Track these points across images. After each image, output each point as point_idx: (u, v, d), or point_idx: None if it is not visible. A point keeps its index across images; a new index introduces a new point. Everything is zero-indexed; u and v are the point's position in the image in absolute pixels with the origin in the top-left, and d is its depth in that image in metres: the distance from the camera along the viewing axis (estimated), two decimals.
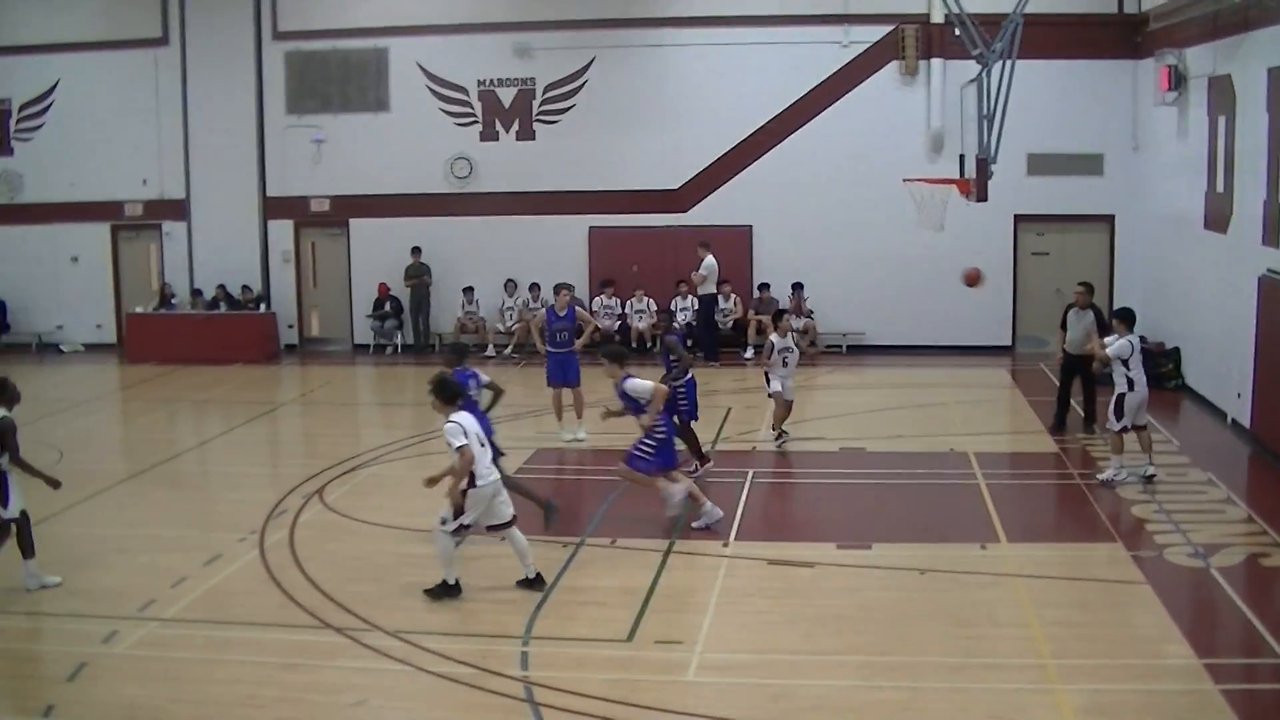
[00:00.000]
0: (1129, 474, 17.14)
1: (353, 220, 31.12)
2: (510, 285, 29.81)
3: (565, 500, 16.33)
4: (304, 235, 31.66)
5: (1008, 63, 20.97)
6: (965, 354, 28.10)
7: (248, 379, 27.92)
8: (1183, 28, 23.65)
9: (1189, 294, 23.74)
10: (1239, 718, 10.13)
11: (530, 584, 13.38)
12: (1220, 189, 21.61)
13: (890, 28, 28.50)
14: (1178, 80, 23.56)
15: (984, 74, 21.36)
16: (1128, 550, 14.43)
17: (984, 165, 21.49)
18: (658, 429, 15.52)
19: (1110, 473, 17.04)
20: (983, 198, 21.93)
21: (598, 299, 29.68)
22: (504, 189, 30.11)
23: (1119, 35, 27.40)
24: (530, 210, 29.97)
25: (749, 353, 28.01)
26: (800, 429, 21.09)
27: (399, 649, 11.85)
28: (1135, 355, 17.08)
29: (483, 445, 13.08)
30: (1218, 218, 21.73)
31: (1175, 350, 24.22)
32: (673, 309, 28.99)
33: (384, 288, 30.63)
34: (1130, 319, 17.61)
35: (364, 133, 30.59)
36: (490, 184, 30.22)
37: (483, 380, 15.87)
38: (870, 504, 17.16)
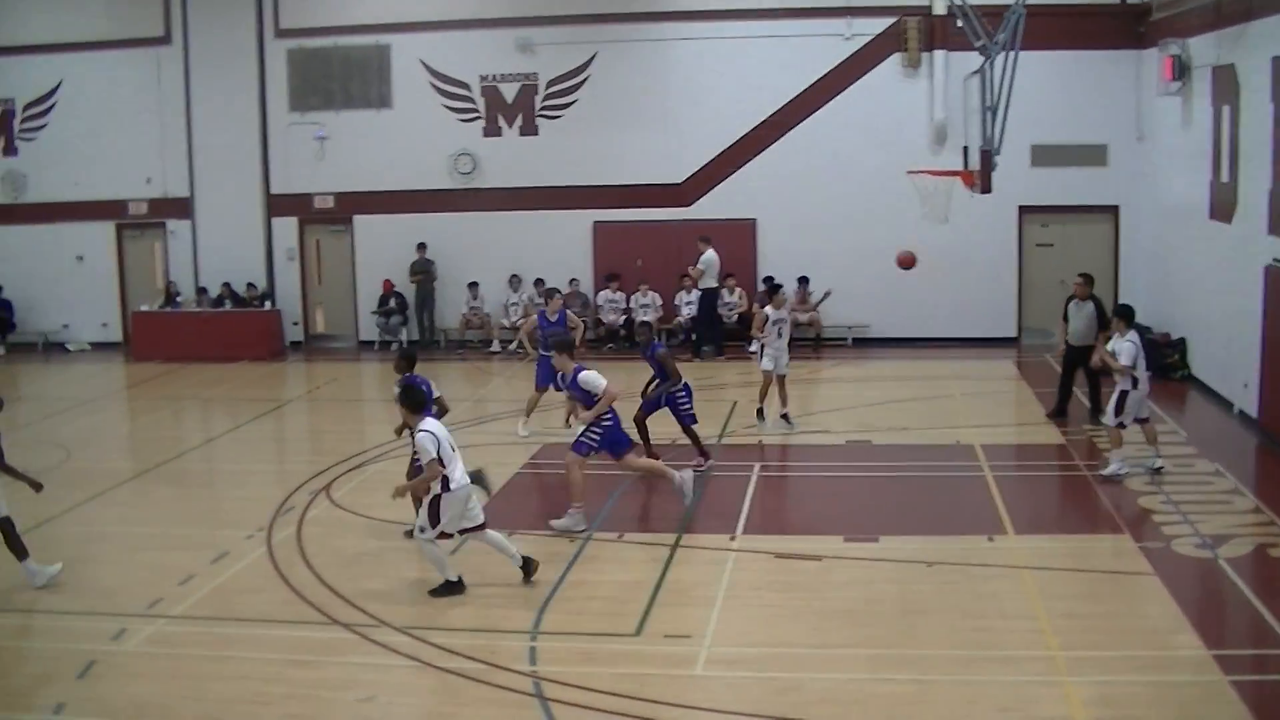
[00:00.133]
0: (1131, 468, 17.11)
1: (357, 217, 31.15)
2: (515, 280, 29.83)
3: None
4: (308, 232, 31.69)
5: (1011, 54, 20.96)
6: (970, 346, 28.09)
7: (253, 376, 27.96)
8: (1186, 17, 23.61)
9: (1194, 284, 23.72)
10: (1248, 708, 10.11)
11: (526, 571, 13.39)
12: (1225, 179, 21.58)
13: (893, 20, 28.48)
14: (1181, 70, 23.52)
15: (987, 65, 21.36)
16: (1135, 541, 14.41)
17: (988, 157, 21.49)
18: (604, 417, 15.44)
19: (1114, 467, 17.00)
20: (987, 189, 21.95)
21: (602, 293, 29.71)
22: (507, 184, 30.13)
23: (1122, 25, 27.37)
24: (534, 205, 29.98)
25: (754, 346, 28.00)
26: (806, 422, 21.13)
27: (407, 645, 11.86)
28: (1140, 354, 17.06)
29: (454, 451, 13.08)
30: (1223, 208, 21.70)
31: (1181, 340, 24.20)
32: (677, 303, 29.10)
33: (388, 284, 30.65)
34: (1130, 316, 17.58)
35: (367, 129, 30.60)
36: (494, 180, 30.24)
37: (433, 393, 15.71)
38: (877, 497, 17.14)
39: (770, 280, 28.57)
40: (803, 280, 28.63)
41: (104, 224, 32.14)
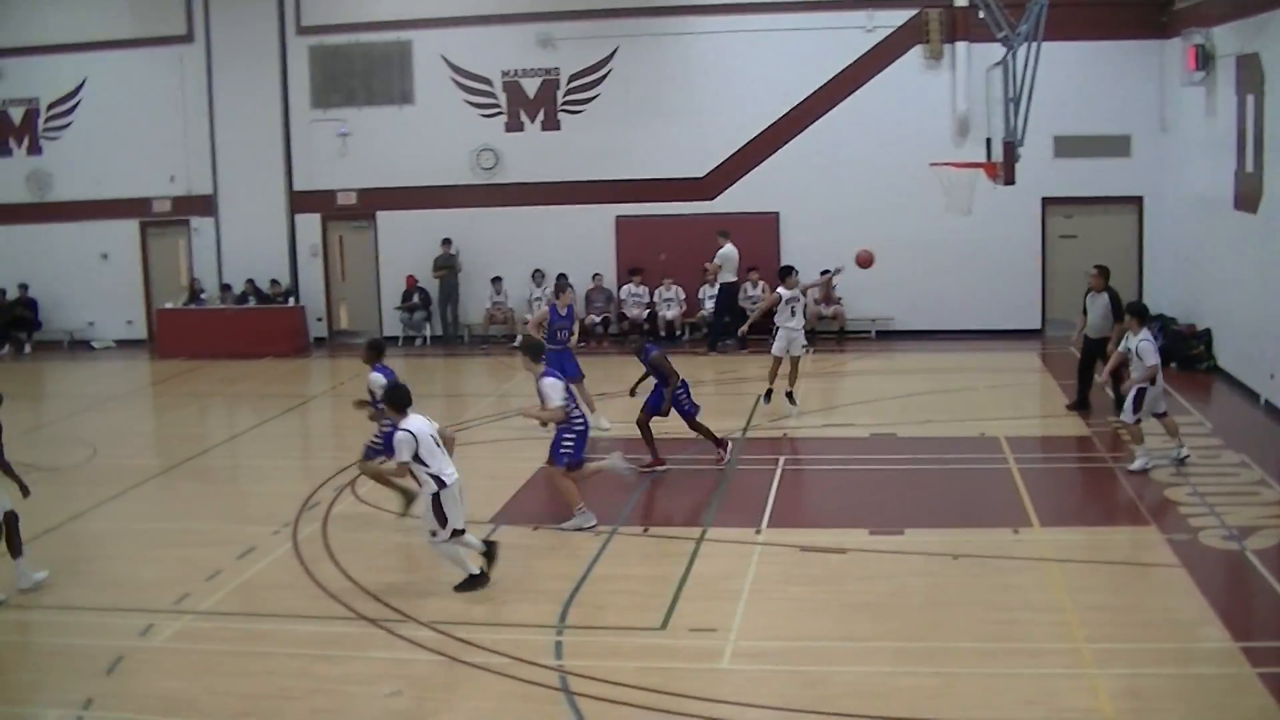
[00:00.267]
0: (1156, 460, 17.03)
1: (380, 213, 31.20)
2: (538, 275, 29.82)
3: (597, 489, 16.35)
4: (331, 228, 31.76)
5: (1033, 45, 20.91)
6: (994, 338, 28.01)
7: (278, 372, 28.03)
8: (1209, 6, 23.51)
9: (1219, 275, 23.61)
10: (1275, 700, 10.06)
11: (489, 556, 13.32)
12: (1250, 168, 21.47)
13: (914, 11, 28.39)
14: (1205, 59, 23.41)
15: (1009, 57, 21.31)
16: (1161, 533, 14.34)
17: (1011, 148, 21.45)
18: (575, 421, 15.27)
19: (1139, 462, 16.89)
20: (1010, 181, 21.90)
21: (625, 287, 29.71)
22: (530, 179, 30.14)
23: (1145, 15, 27.23)
24: (556, 200, 29.97)
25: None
26: (831, 415, 21.16)
27: (433, 640, 11.88)
28: (1158, 352, 17.00)
29: (439, 447, 13.07)
30: (1248, 198, 21.59)
31: (1206, 332, 24.10)
32: (700, 297, 29.09)
33: (412, 280, 30.69)
34: (1144, 314, 17.49)
35: (389, 126, 30.64)
36: (516, 175, 30.26)
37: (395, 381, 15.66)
38: (902, 489, 17.10)
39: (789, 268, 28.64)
40: (825, 273, 28.53)
41: (128, 222, 32.26)
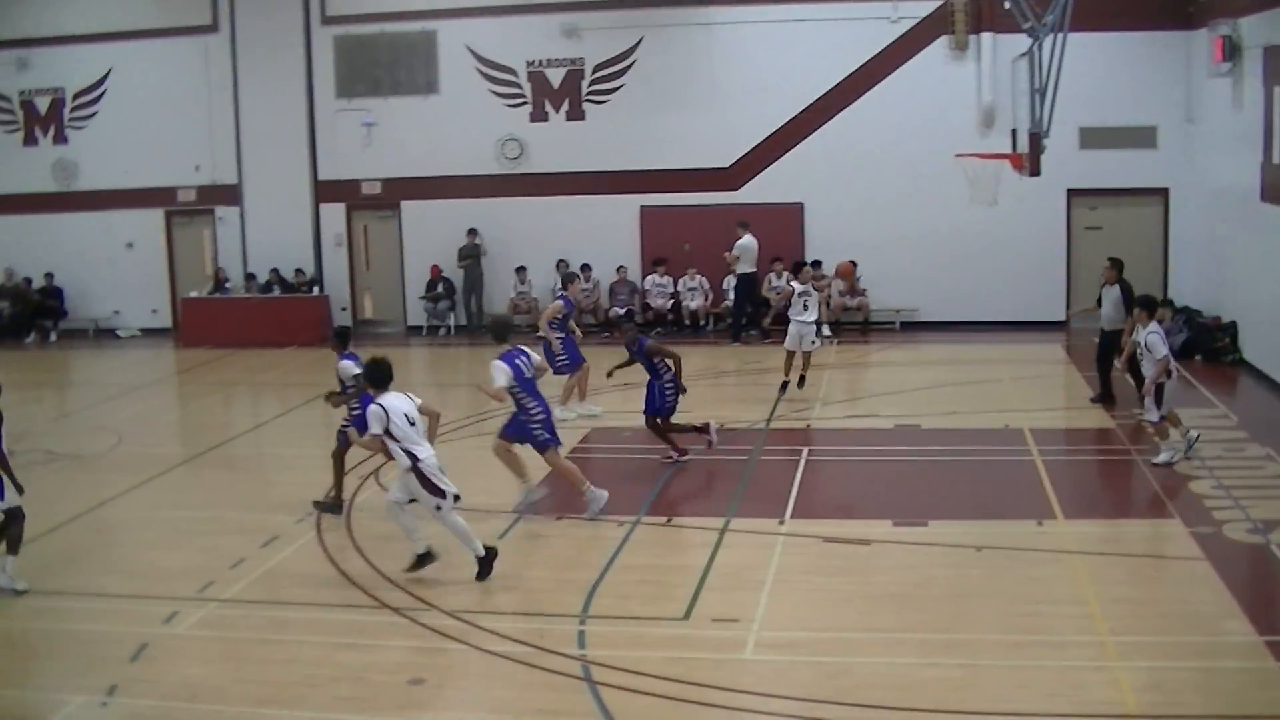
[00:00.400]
0: (1181, 453, 16.96)
1: (404, 202, 31.27)
2: (562, 265, 29.82)
3: (620, 479, 16.36)
4: (356, 218, 31.83)
5: (1059, 36, 20.81)
6: (1019, 330, 27.91)
7: (302, 362, 28.08)
8: None
9: (1245, 267, 23.50)
10: None
11: (420, 560, 13.24)
12: (1277, 160, 21.34)
13: (940, 2, 28.33)
14: (1232, 50, 23.29)
15: (1035, 47, 21.21)
16: (1186, 526, 14.27)
17: (1036, 139, 21.35)
18: (533, 412, 15.13)
19: (1164, 455, 16.81)
20: (1035, 172, 21.81)
21: (650, 278, 29.72)
22: (555, 169, 30.16)
23: (1171, 6, 27.10)
24: (581, 190, 30.01)
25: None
26: (855, 406, 21.13)
27: (456, 628, 11.89)
28: (1167, 344, 16.92)
29: (412, 425, 13.04)
30: (1275, 190, 21.47)
31: (1232, 324, 24.00)
32: (725, 288, 29.09)
33: (436, 269, 30.75)
34: (1153, 307, 17.36)
35: (414, 115, 30.69)
36: (541, 165, 30.28)
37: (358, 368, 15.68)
38: (926, 481, 17.07)
39: (816, 264, 28.60)
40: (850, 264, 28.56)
41: (153, 211, 32.41)
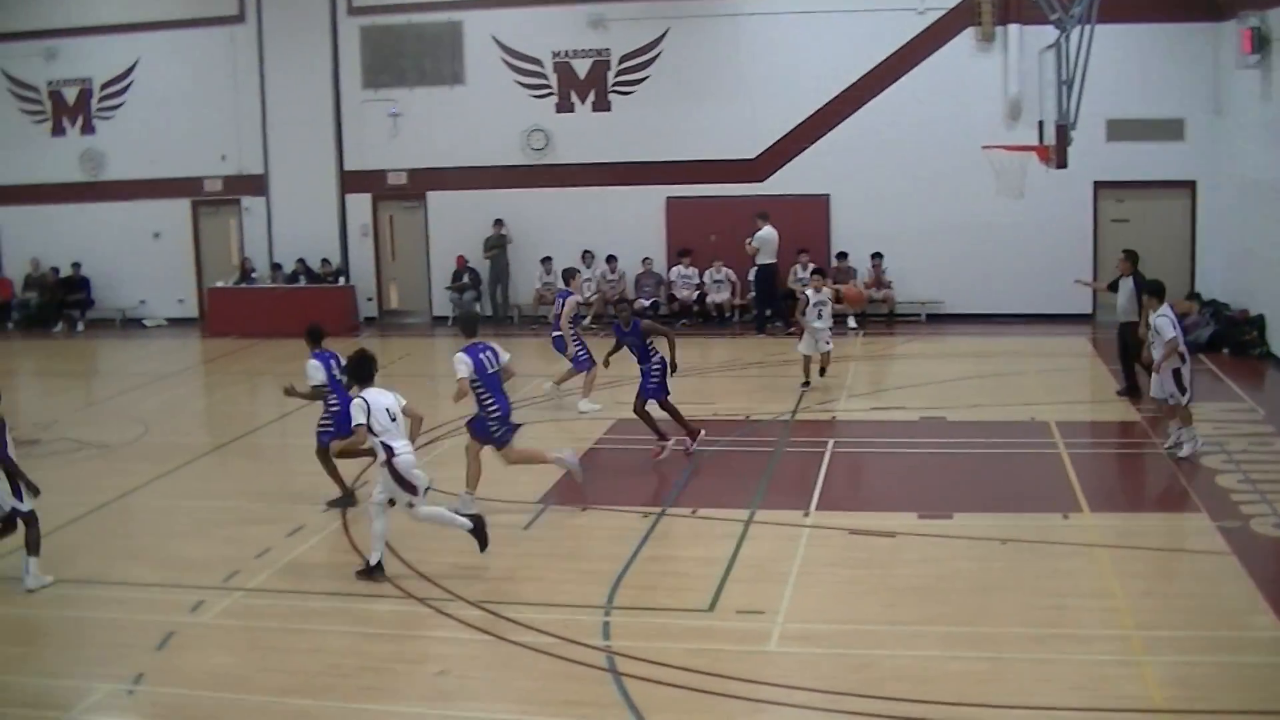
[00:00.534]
0: (1202, 442, 16.87)
1: (430, 193, 31.32)
2: (587, 256, 29.83)
3: (645, 471, 16.38)
4: (382, 208, 31.90)
5: (1086, 27, 20.73)
6: (1045, 322, 27.86)
7: None
8: None
9: (1273, 260, 23.38)
10: None
11: (369, 571, 13.11)
12: None
13: None
14: (1260, 42, 23.15)
15: (1062, 39, 21.14)
16: (1212, 520, 14.20)
17: (1063, 131, 21.30)
18: (490, 409, 15.03)
19: (1187, 448, 16.75)
20: (1062, 164, 21.76)
21: (675, 269, 29.70)
22: (580, 160, 30.15)
23: None
24: (607, 181, 30.01)
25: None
26: (880, 398, 21.11)
27: (481, 619, 11.91)
28: (1179, 329, 16.81)
29: (394, 420, 13.08)
30: None
31: (1260, 317, 23.90)
32: (751, 279, 28.99)
33: (462, 260, 30.77)
34: (1161, 292, 17.25)
35: (440, 106, 30.73)
36: (567, 155, 30.29)
37: (336, 366, 15.70)
38: (951, 473, 17.03)
39: (843, 256, 28.59)
40: (876, 256, 28.53)
41: (180, 201, 32.54)
